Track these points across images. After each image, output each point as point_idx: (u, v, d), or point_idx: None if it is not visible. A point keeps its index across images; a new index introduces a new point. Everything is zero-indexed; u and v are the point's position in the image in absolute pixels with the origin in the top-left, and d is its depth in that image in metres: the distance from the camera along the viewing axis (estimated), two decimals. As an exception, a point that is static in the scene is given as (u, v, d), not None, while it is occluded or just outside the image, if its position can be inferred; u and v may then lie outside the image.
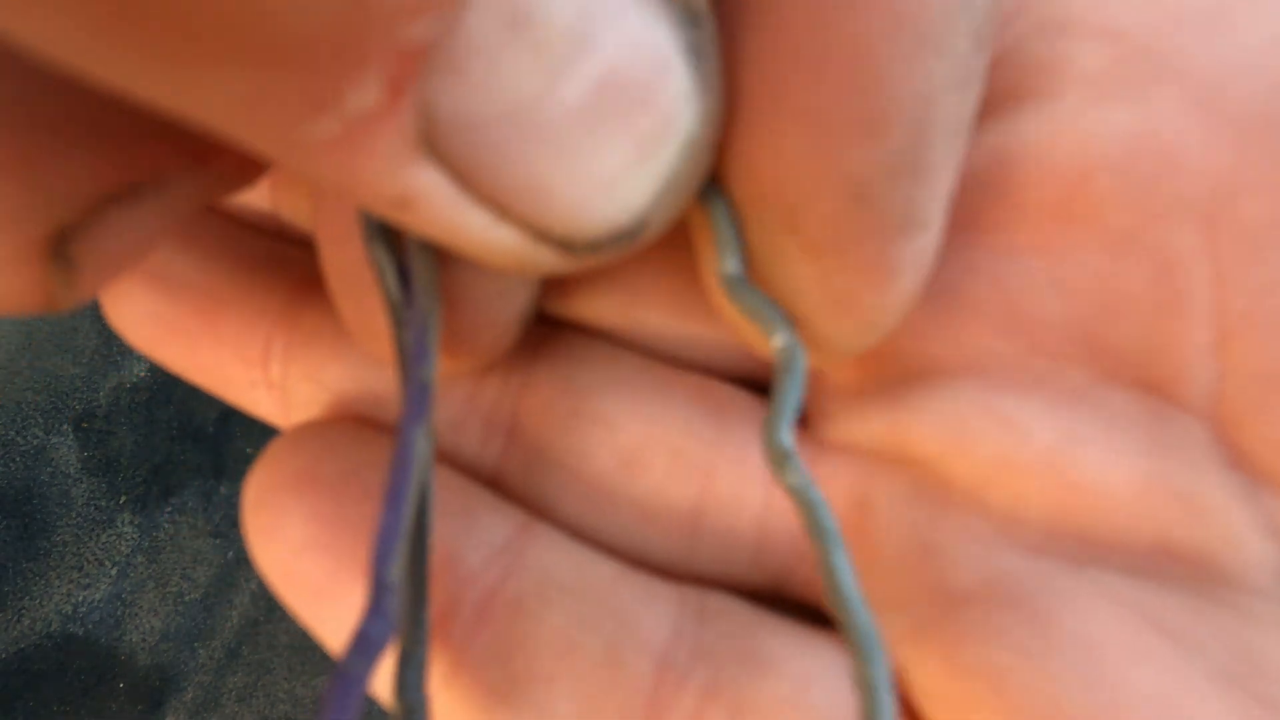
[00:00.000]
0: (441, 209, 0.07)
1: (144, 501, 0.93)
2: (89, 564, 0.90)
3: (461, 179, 0.07)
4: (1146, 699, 0.09)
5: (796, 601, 0.11)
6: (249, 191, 0.13)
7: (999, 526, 0.10)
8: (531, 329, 0.12)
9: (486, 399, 0.12)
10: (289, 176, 0.13)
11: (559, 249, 0.07)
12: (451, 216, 0.07)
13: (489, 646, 0.10)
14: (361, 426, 0.12)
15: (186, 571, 0.90)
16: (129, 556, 0.90)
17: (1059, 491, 0.10)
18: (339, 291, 0.10)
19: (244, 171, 0.09)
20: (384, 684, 0.10)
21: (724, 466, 0.11)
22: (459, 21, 0.06)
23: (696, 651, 0.10)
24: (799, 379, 0.08)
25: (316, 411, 0.12)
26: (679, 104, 0.07)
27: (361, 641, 0.07)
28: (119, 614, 0.88)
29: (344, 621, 0.10)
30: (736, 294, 0.08)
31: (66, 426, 0.97)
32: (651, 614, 0.10)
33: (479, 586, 0.10)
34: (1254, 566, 0.09)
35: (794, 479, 0.08)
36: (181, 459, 0.96)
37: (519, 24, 0.06)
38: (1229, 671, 0.09)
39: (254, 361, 0.12)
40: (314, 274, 0.12)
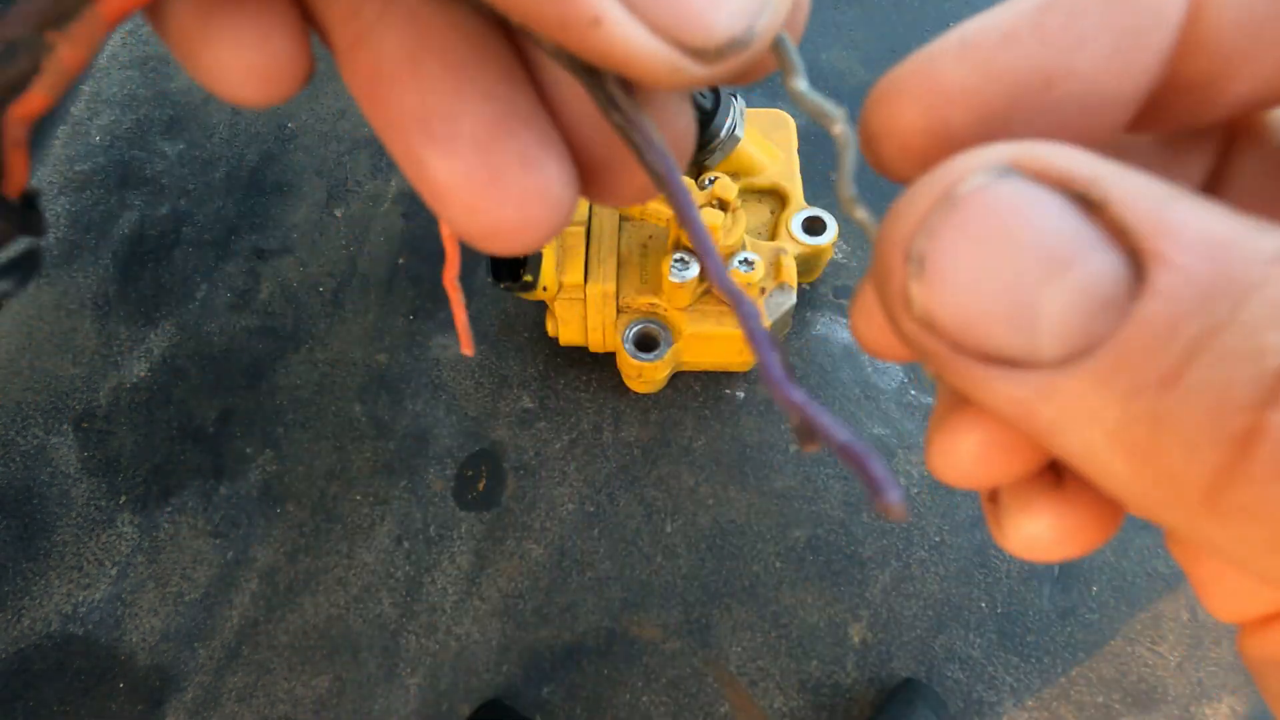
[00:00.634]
0: (616, 24, 0.10)
1: (144, 501, 0.93)
2: (89, 564, 0.90)
3: (631, 3, 0.10)
4: None
5: None
6: None
7: None
8: None
9: None
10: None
11: (694, 56, 0.10)
12: (623, 32, 0.10)
13: None
14: None
15: (186, 571, 0.90)
16: (129, 556, 0.90)
17: None
18: None
19: None
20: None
21: None
22: None
23: None
24: (854, 153, 0.12)
25: None
26: None
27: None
28: (119, 614, 0.88)
29: None
30: (804, 98, 0.12)
31: (66, 426, 0.97)
32: None
33: None
34: None
35: (862, 214, 0.12)
36: (181, 459, 0.96)
37: None
38: None
39: None
40: None
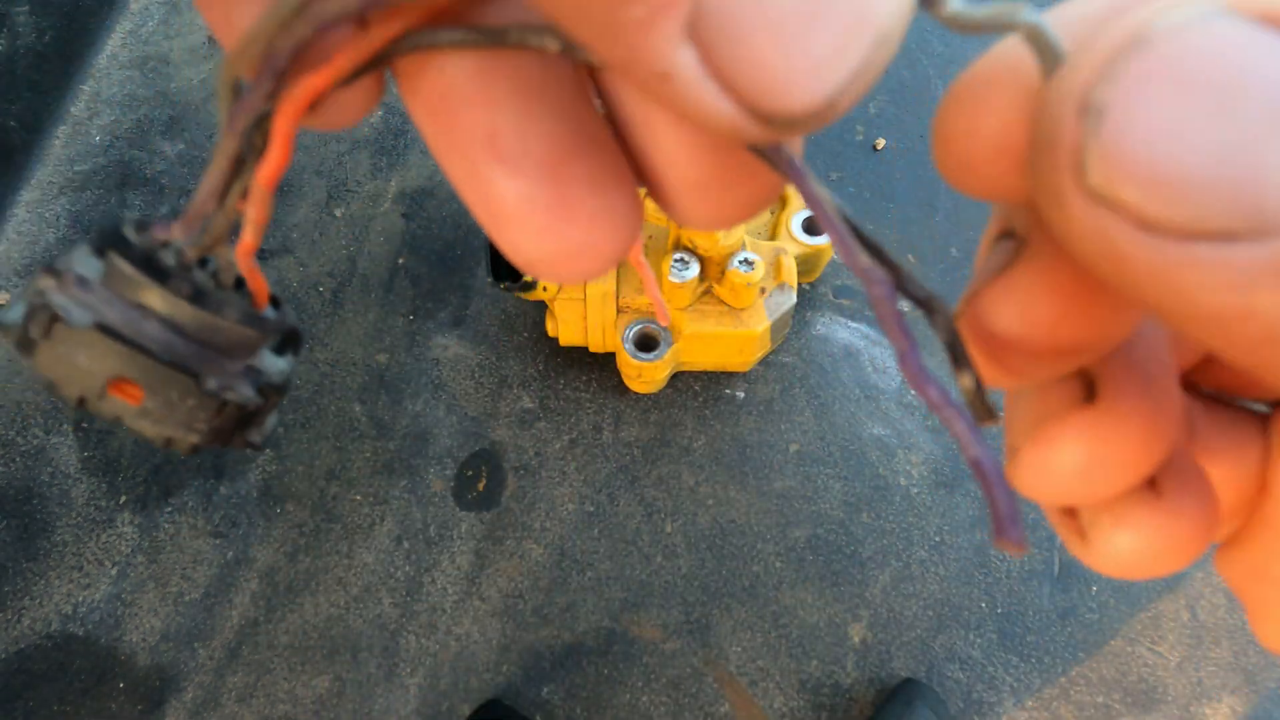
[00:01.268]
0: (688, 82, 0.09)
1: (144, 501, 0.93)
2: (89, 564, 0.90)
3: (705, 57, 0.08)
4: None
5: None
6: None
7: None
8: None
9: None
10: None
11: (761, 123, 0.09)
12: (693, 90, 0.09)
13: None
14: None
15: (186, 571, 0.90)
16: (129, 556, 0.90)
17: None
18: None
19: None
20: None
21: None
22: None
23: None
24: None
25: None
26: (878, 2, 0.08)
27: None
28: (119, 614, 0.88)
29: None
30: (964, 17, 0.10)
31: (66, 426, 0.97)
32: None
33: None
34: None
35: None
36: (181, 459, 0.96)
37: None
38: None
39: None
40: None
